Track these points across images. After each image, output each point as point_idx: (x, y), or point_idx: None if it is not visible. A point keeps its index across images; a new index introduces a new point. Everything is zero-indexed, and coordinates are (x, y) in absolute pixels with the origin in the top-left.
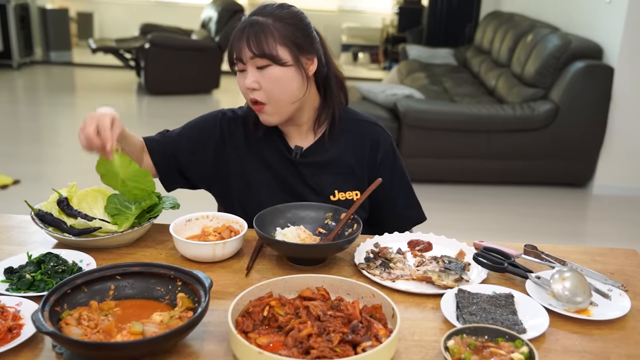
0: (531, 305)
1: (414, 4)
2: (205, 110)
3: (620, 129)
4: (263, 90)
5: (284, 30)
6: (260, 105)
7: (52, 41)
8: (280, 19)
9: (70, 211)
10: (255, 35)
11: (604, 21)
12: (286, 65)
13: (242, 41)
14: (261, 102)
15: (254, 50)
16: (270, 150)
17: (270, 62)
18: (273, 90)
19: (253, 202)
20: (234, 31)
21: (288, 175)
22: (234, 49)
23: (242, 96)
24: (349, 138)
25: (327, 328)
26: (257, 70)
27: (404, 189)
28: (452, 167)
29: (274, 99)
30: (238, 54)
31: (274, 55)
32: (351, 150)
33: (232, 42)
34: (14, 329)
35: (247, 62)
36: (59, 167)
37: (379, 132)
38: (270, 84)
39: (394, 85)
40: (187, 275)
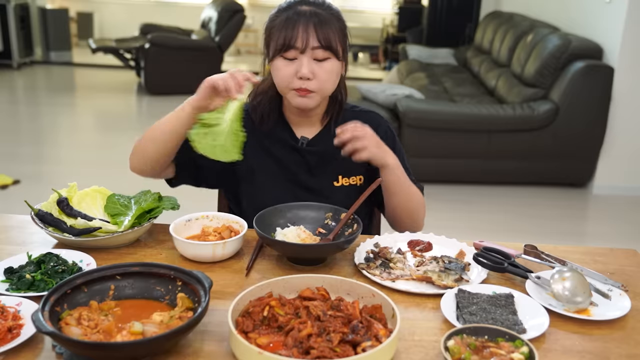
0: (531, 305)
1: (414, 4)
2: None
3: (620, 129)
4: (316, 81)
5: (339, 27)
6: (308, 92)
7: (52, 41)
8: (335, 15)
9: (70, 211)
10: (321, 26)
11: (604, 21)
12: (340, 60)
13: (307, 30)
14: (311, 90)
15: (321, 42)
16: (276, 142)
17: (332, 55)
18: (326, 82)
19: (260, 192)
20: (283, 18)
21: (293, 164)
22: (293, 33)
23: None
24: None
25: (327, 328)
26: (313, 61)
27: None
28: (452, 167)
29: (324, 89)
30: (295, 42)
31: (336, 49)
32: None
33: (288, 25)
34: (14, 329)
35: (305, 51)
36: (59, 167)
37: (377, 118)
38: (326, 76)
39: (394, 85)
40: (187, 275)
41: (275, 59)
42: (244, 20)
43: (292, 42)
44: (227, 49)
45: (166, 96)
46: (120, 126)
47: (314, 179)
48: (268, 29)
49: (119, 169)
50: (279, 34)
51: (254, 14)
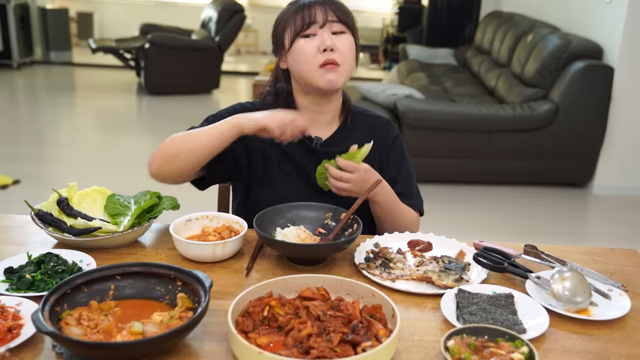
0: (531, 305)
1: (414, 4)
2: (205, 110)
3: (620, 129)
4: (339, 53)
5: (349, 13)
6: (336, 65)
7: (52, 41)
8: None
9: (70, 211)
10: (335, 4)
11: (604, 21)
12: (355, 38)
13: (325, 7)
14: (337, 62)
15: (339, 16)
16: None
17: (348, 30)
18: (348, 54)
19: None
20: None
21: (308, 165)
22: (310, 13)
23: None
24: (362, 130)
25: (327, 328)
26: (332, 35)
27: (408, 182)
28: (452, 167)
29: (347, 63)
30: (315, 17)
31: (351, 24)
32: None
33: (303, 9)
34: (14, 329)
35: (324, 26)
36: (59, 167)
37: (387, 124)
38: (347, 48)
39: (394, 85)
40: (187, 275)
41: (295, 42)
42: (244, 20)
43: (311, 18)
44: (227, 49)
45: (166, 96)
46: (120, 126)
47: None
48: (279, 23)
49: (119, 169)
50: (295, 18)
51: (254, 14)
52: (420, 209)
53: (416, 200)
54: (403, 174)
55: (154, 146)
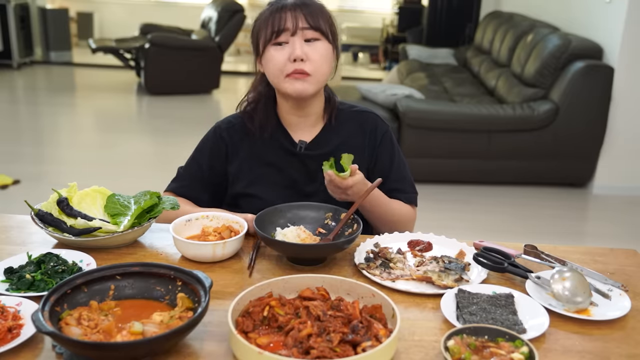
0: (531, 305)
1: (414, 4)
2: (205, 110)
3: (620, 129)
4: (310, 62)
5: (326, 14)
6: (305, 75)
7: (52, 41)
8: (320, 5)
9: (70, 211)
10: (308, 9)
11: (604, 21)
12: (330, 43)
13: (295, 12)
14: (307, 72)
15: (309, 22)
16: (274, 149)
17: (321, 36)
18: (321, 64)
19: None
20: (271, 7)
21: (293, 170)
22: (280, 20)
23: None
24: (349, 127)
25: (327, 328)
26: (304, 43)
27: (401, 176)
28: (452, 167)
29: (319, 72)
30: (285, 25)
31: (325, 31)
32: (351, 139)
33: (274, 15)
34: (14, 329)
35: (296, 33)
36: (59, 167)
37: (374, 119)
38: (318, 56)
39: (394, 85)
40: (187, 275)
41: (266, 49)
42: (244, 20)
43: (281, 26)
44: (227, 49)
45: (166, 96)
46: (120, 126)
47: (314, 184)
48: (255, 28)
49: (119, 169)
50: (267, 24)
51: (254, 14)
52: (414, 201)
53: (410, 193)
54: (395, 169)
55: (154, 146)
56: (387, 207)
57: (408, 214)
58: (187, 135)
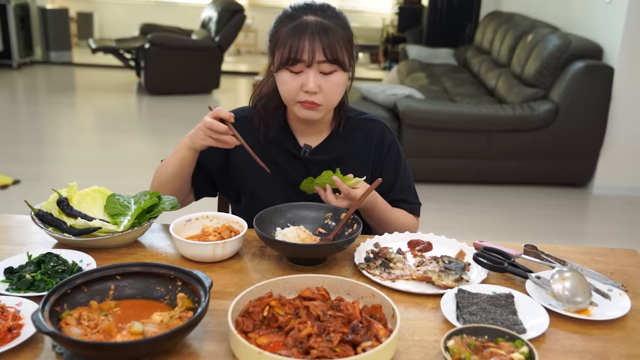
0: (531, 305)
1: (414, 4)
2: (205, 110)
3: (620, 129)
4: (322, 94)
5: (346, 37)
6: (315, 105)
7: (52, 41)
8: (342, 25)
9: (70, 211)
10: (329, 40)
11: (604, 21)
12: (346, 71)
13: (314, 41)
14: (317, 103)
15: (328, 56)
16: (279, 150)
17: (338, 68)
18: (333, 94)
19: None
20: (289, 29)
21: (296, 173)
22: (298, 49)
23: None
24: (356, 135)
25: (327, 328)
26: (320, 74)
27: (405, 186)
28: (452, 167)
29: (330, 101)
30: (302, 56)
31: (342, 62)
32: (357, 147)
33: (293, 38)
34: (14, 329)
35: (312, 65)
36: (59, 167)
37: (382, 128)
38: (332, 89)
39: (394, 85)
40: (187, 275)
41: (280, 70)
42: (244, 20)
43: (298, 56)
44: (227, 49)
45: (166, 96)
46: (120, 126)
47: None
48: (273, 36)
49: (119, 169)
50: (285, 46)
51: (254, 14)
52: (417, 212)
53: (413, 203)
54: (400, 179)
55: (154, 146)
56: (390, 215)
57: (411, 223)
58: None
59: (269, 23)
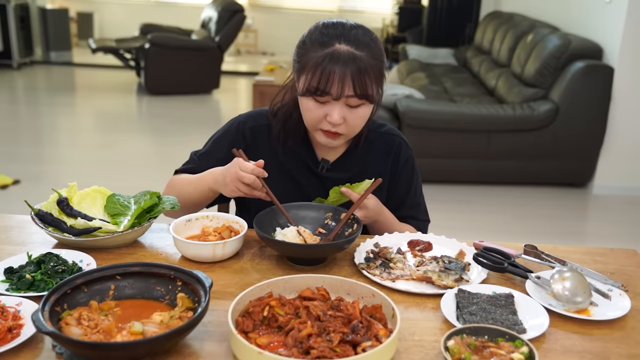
0: (531, 305)
1: (414, 4)
2: (205, 110)
3: (620, 129)
4: (346, 125)
5: (377, 67)
6: (337, 135)
7: (52, 41)
8: (374, 54)
9: (70, 211)
10: (359, 74)
11: (604, 21)
12: (373, 103)
13: (345, 74)
14: (340, 133)
15: (357, 91)
16: (296, 163)
17: (366, 102)
18: (357, 126)
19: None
20: (320, 57)
21: (311, 188)
22: (327, 81)
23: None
24: (373, 151)
25: (327, 328)
26: (346, 107)
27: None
28: (452, 167)
29: (352, 132)
30: (330, 90)
31: (371, 96)
32: (374, 163)
33: (322, 71)
34: (14, 329)
35: (339, 100)
36: (59, 167)
37: (401, 144)
38: (357, 121)
39: (394, 85)
40: (187, 275)
41: (306, 97)
42: (244, 20)
43: (326, 89)
44: (227, 49)
45: (166, 96)
46: (120, 126)
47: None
48: (301, 57)
49: (119, 169)
50: (313, 74)
51: (254, 14)
52: (424, 229)
53: (422, 220)
54: (412, 195)
55: (154, 146)
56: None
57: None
58: (187, 135)
59: (269, 23)
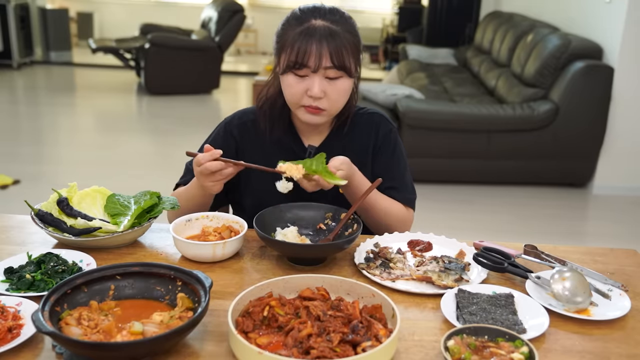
0: (531, 305)
1: (414, 4)
2: (205, 110)
3: (620, 129)
4: (327, 99)
5: (353, 42)
6: (318, 110)
7: (52, 41)
8: (349, 30)
9: (70, 211)
10: (336, 45)
11: (604, 21)
12: (352, 77)
13: (321, 46)
14: (321, 108)
15: (335, 62)
16: (283, 153)
17: (344, 74)
18: (338, 100)
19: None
20: (297, 33)
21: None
22: (305, 54)
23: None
24: (356, 131)
25: (327, 328)
26: (325, 80)
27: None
28: (452, 167)
29: (334, 107)
30: (308, 62)
31: (349, 68)
32: (357, 142)
33: (300, 42)
34: (14, 329)
35: (317, 72)
36: (59, 167)
37: (377, 119)
38: (337, 95)
39: (394, 85)
40: (187, 275)
41: (286, 73)
42: (244, 20)
43: (304, 61)
44: (227, 49)
45: (166, 96)
46: (120, 126)
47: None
48: (280, 37)
49: (119, 169)
50: (292, 49)
51: (254, 14)
52: (411, 203)
53: (408, 194)
54: (394, 168)
55: (154, 146)
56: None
57: (401, 213)
58: (187, 135)
59: (269, 23)
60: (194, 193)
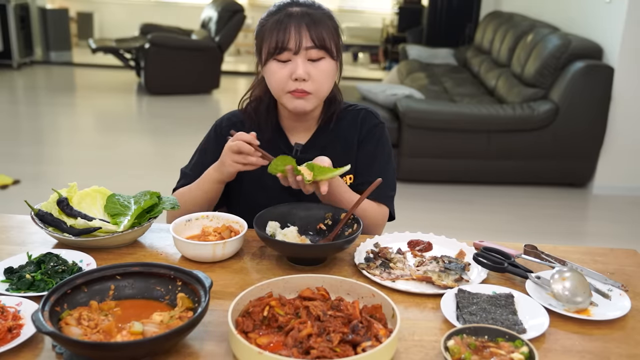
0: (531, 305)
1: (414, 4)
2: (205, 110)
3: (621, 129)
4: (312, 82)
5: (332, 25)
6: (305, 94)
7: (52, 41)
8: (328, 16)
9: (70, 211)
10: (314, 25)
11: (604, 21)
12: (334, 59)
13: (300, 28)
14: (308, 91)
15: (315, 41)
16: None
17: (326, 54)
18: (322, 82)
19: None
20: (274, 21)
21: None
22: (285, 37)
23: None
24: (342, 126)
25: (327, 328)
26: (308, 62)
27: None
28: (452, 167)
29: (320, 90)
30: (288, 44)
31: (330, 48)
32: (342, 137)
33: (279, 28)
34: (14, 329)
35: (299, 52)
36: (59, 167)
37: (366, 114)
38: (321, 76)
39: (394, 85)
40: (187, 275)
41: (268, 62)
42: (244, 20)
43: (284, 44)
44: (227, 49)
45: (166, 96)
46: (120, 126)
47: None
48: (259, 33)
49: (119, 169)
50: (271, 36)
51: (254, 14)
52: (386, 200)
53: (385, 191)
54: (375, 160)
55: (154, 146)
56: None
57: (373, 211)
58: (187, 135)
59: None
60: (206, 188)
